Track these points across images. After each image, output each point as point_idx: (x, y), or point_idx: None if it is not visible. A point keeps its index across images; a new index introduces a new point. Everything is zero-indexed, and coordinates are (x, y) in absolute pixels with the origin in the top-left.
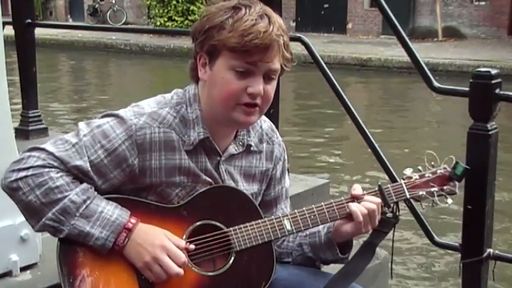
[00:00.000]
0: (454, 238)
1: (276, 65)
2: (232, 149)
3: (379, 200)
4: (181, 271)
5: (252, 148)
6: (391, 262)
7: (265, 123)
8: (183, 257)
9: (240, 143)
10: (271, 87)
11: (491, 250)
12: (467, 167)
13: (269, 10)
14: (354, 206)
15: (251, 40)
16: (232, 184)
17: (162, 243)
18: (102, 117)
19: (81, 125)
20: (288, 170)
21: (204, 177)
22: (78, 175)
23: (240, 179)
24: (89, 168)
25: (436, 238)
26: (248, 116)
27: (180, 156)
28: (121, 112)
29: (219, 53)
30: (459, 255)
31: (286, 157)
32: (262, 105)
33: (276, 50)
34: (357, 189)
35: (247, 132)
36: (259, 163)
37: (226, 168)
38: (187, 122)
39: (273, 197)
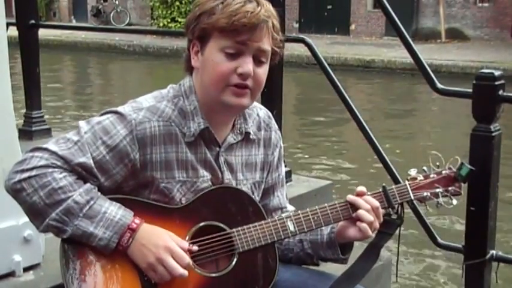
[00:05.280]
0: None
1: (266, 45)
2: (231, 138)
3: (377, 203)
4: (185, 272)
5: (250, 136)
6: (397, 263)
7: (261, 110)
8: (187, 258)
9: (238, 131)
10: (263, 71)
11: (494, 252)
12: (473, 168)
13: None
14: (362, 211)
15: (239, 19)
16: (230, 176)
17: (166, 244)
18: (101, 114)
19: (81, 123)
20: (290, 171)
21: (202, 171)
22: (81, 173)
23: (240, 169)
24: (93, 165)
25: (439, 239)
26: (239, 98)
27: (178, 149)
28: (119, 108)
29: (210, 36)
30: (462, 256)
31: (282, 144)
32: (254, 89)
33: (265, 30)
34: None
35: (244, 120)
36: (258, 151)
37: (225, 159)
38: (186, 114)
39: (270, 184)
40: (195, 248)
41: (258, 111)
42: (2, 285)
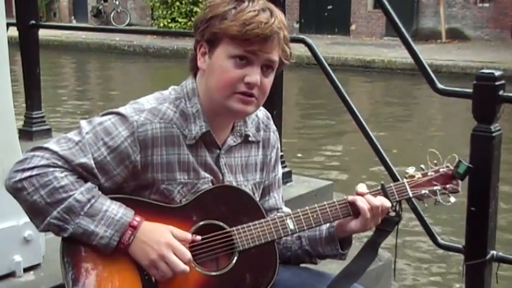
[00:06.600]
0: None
1: (275, 56)
2: (231, 140)
3: (388, 204)
4: (187, 268)
5: (250, 138)
6: (395, 261)
7: (260, 111)
8: (188, 254)
9: (238, 133)
10: (269, 81)
11: (494, 252)
12: (470, 166)
13: (271, 5)
14: (362, 202)
15: (252, 29)
16: (231, 178)
17: (167, 241)
18: (103, 115)
19: (83, 123)
20: (290, 171)
21: (203, 173)
22: (82, 173)
23: (240, 170)
24: (93, 166)
25: (439, 240)
26: (244, 105)
27: (180, 151)
28: (121, 110)
29: (220, 42)
30: (463, 256)
31: (279, 145)
32: (259, 98)
33: (276, 42)
34: (361, 187)
35: (244, 122)
36: (258, 152)
37: (226, 161)
38: (188, 116)
39: (266, 184)
40: (198, 237)
41: (257, 112)
42: (2, 286)
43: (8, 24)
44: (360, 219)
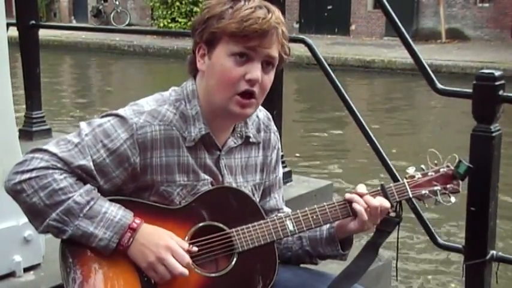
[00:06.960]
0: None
1: (275, 52)
2: (231, 142)
3: (387, 204)
4: (185, 271)
5: (250, 140)
6: (396, 262)
7: (261, 112)
8: (187, 257)
9: (238, 135)
10: (269, 78)
11: (494, 252)
12: (471, 166)
13: (267, 3)
14: (357, 203)
15: (250, 25)
16: (231, 179)
17: (166, 244)
18: (103, 117)
19: (83, 124)
20: (290, 171)
21: (203, 175)
22: (81, 175)
23: (240, 171)
24: (93, 168)
25: (439, 240)
26: (244, 109)
27: (180, 153)
28: (121, 111)
29: (219, 41)
30: (462, 256)
31: (280, 146)
32: (259, 96)
33: (275, 37)
34: (361, 188)
35: (244, 124)
36: (258, 153)
37: (226, 162)
38: (187, 118)
39: (267, 185)
40: (194, 248)
41: (258, 112)
42: (2, 286)
43: (8, 24)
44: (358, 219)
